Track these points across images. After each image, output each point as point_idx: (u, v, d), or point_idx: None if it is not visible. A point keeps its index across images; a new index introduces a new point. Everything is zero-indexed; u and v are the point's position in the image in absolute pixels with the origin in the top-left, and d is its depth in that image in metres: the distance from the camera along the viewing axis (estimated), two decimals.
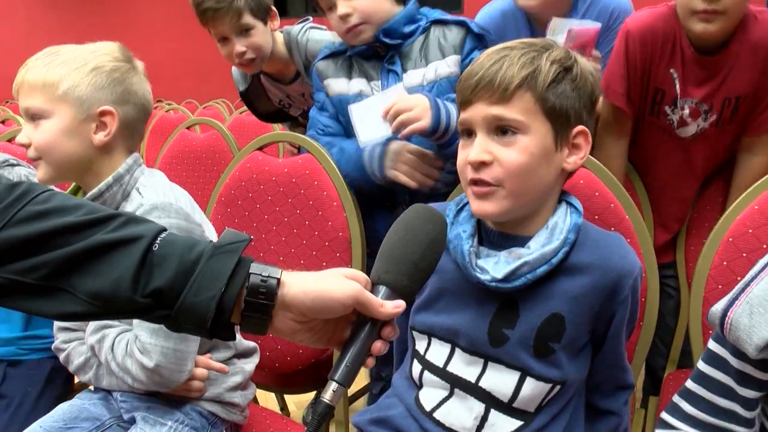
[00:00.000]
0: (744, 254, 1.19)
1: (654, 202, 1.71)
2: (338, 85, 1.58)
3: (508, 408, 1.02)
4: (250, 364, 1.34)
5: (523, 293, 1.01)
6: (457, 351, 1.05)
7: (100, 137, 1.17)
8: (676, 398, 0.97)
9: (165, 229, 0.76)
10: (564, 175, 1.05)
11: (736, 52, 1.50)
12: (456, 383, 1.05)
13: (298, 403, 2.46)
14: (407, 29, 1.52)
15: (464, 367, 1.05)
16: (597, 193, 1.25)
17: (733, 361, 0.90)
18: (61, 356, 1.28)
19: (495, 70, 0.98)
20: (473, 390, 1.03)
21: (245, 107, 3.80)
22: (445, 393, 1.05)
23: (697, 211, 1.72)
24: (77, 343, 1.26)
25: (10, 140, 2.00)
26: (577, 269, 1.01)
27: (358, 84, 1.56)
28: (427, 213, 0.83)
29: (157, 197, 1.17)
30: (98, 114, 1.17)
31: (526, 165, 0.98)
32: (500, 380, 1.02)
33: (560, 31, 1.53)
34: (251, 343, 1.37)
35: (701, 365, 0.95)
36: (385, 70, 1.54)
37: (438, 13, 1.57)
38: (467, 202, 1.08)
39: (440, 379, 1.06)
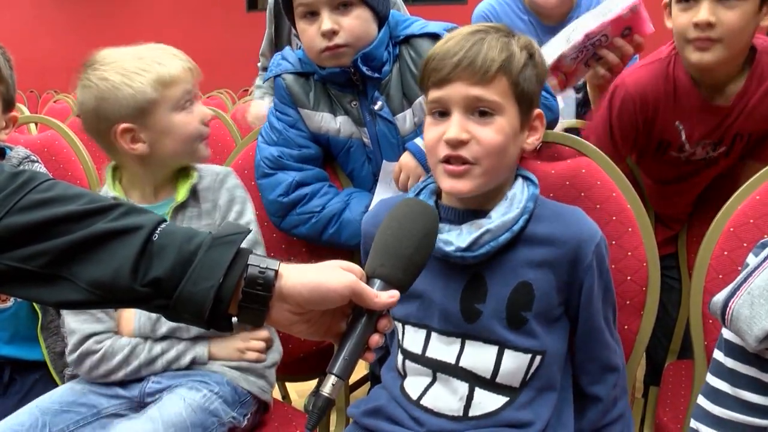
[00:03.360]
0: (745, 244, 1.19)
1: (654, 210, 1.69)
2: (323, 120, 1.47)
3: (492, 384, 1.04)
4: (279, 344, 1.38)
5: (488, 267, 1.05)
6: (433, 335, 1.07)
7: None
8: (701, 400, 0.95)
9: (165, 220, 0.77)
10: (521, 153, 1.11)
11: (747, 91, 1.44)
12: (437, 368, 1.06)
13: (300, 391, 2.47)
14: (384, 56, 1.41)
15: (443, 348, 1.07)
16: (599, 182, 1.25)
17: (750, 348, 0.88)
18: (92, 360, 1.24)
19: (476, 52, 1.02)
20: (454, 371, 1.05)
21: (248, 97, 3.78)
22: (429, 379, 1.07)
23: (698, 205, 1.72)
24: (114, 338, 1.25)
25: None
26: (537, 240, 1.05)
27: (346, 125, 1.47)
28: (420, 207, 0.84)
29: (221, 167, 1.39)
30: None
31: (501, 144, 1.03)
32: (479, 356, 1.04)
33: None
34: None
35: (721, 358, 0.93)
36: (366, 110, 1.44)
37: (401, 25, 1.46)
38: (424, 186, 1.13)
39: (422, 366, 1.08)
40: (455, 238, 1.03)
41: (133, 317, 1.26)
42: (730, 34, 1.34)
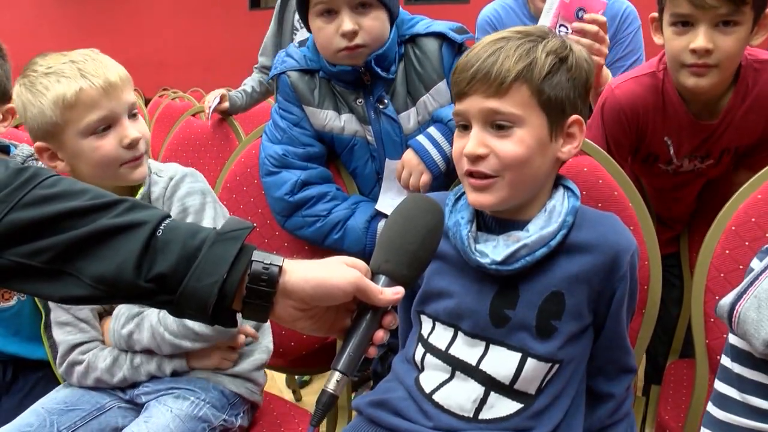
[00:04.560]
0: (746, 243, 1.19)
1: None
2: (327, 117, 1.47)
3: (509, 390, 1.04)
4: (269, 341, 1.35)
5: (522, 275, 1.03)
6: (460, 335, 1.07)
7: None
8: (709, 407, 0.95)
9: (169, 216, 0.77)
10: (559, 163, 1.06)
11: (733, 107, 1.42)
12: (457, 366, 1.06)
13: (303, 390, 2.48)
14: (392, 54, 1.41)
15: (466, 349, 1.06)
16: (601, 181, 1.25)
17: (757, 353, 0.88)
18: (78, 370, 1.24)
19: (491, 63, 0.98)
20: (473, 373, 1.05)
21: None
22: (446, 376, 1.07)
23: (700, 205, 1.71)
24: (97, 349, 1.24)
25: (16, 126, 2.01)
26: (575, 248, 1.03)
27: (351, 123, 1.47)
28: (425, 203, 0.84)
29: (178, 169, 1.26)
30: None
31: (522, 157, 0.99)
32: (501, 362, 1.03)
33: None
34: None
35: (728, 363, 0.93)
36: (372, 108, 1.44)
37: (407, 24, 1.46)
38: (464, 192, 1.09)
39: (442, 362, 1.07)
40: (491, 250, 1.02)
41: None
42: (727, 60, 1.31)
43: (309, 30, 1.44)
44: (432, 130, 1.41)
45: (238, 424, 1.26)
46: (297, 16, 2.48)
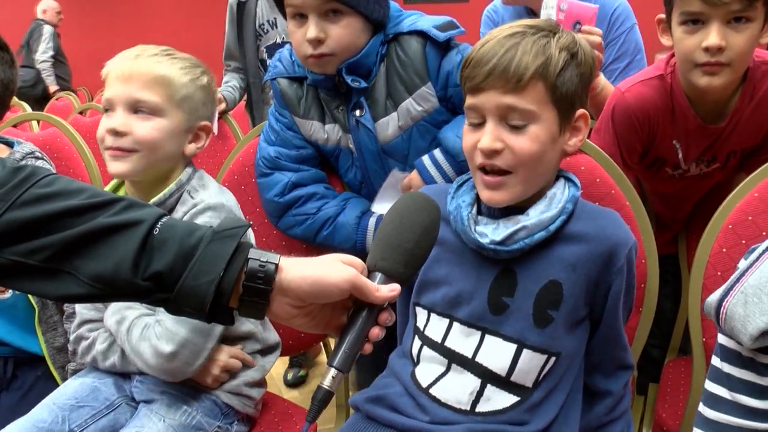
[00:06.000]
0: (743, 241, 1.19)
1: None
2: (312, 128, 1.46)
3: (505, 383, 1.04)
4: (270, 362, 1.35)
5: (520, 261, 1.04)
6: (455, 325, 1.07)
7: (191, 148, 1.27)
8: (700, 407, 0.95)
9: (166, 214, 0.78)
10: (563, 155, 1.08)
11: (739, 109, 1.41)
12: (453, 358, 1.06)
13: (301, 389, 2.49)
14: (373, 61, 1.37)
15: (462, 340, 1.06)
16: (598, 179, 1.25)
17: (745, 351, 0.89)
18: (83, 345, 1.27)
19: (509, 59, 0.99)
20: (470, 365, 1.05)
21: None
22: (443, 369, 1.07)
23: (698, 205, 1.71)
24: (102, 330, 1.27)
25: (15, 125, 2.01)
26: (574, 238, 1.04)
27: (334, 133, 1.45)
28: (422, 200, 0.84)
29: (209, 198, 1.23)
30: (199, 127, 1.27)
31: (536, 153, 1.01)
32: (497, 353, 1.04)
33: (551, 5, 1.50)
34: (277, 338, 1.38)
35: (718, 363, 0.93)
36: (353, 119, 1.40)
37: (392, 23, 1.39)
38: (467, 179, 1.12)
39: (438, 355, 1.08)
40: (491, 231, 1.03)
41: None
42: (739, 58, 1.30)
43: None
44: (440, 156, 1.37)
45: (234, 430, 1.27)
46: (259, 22, 2.47)
